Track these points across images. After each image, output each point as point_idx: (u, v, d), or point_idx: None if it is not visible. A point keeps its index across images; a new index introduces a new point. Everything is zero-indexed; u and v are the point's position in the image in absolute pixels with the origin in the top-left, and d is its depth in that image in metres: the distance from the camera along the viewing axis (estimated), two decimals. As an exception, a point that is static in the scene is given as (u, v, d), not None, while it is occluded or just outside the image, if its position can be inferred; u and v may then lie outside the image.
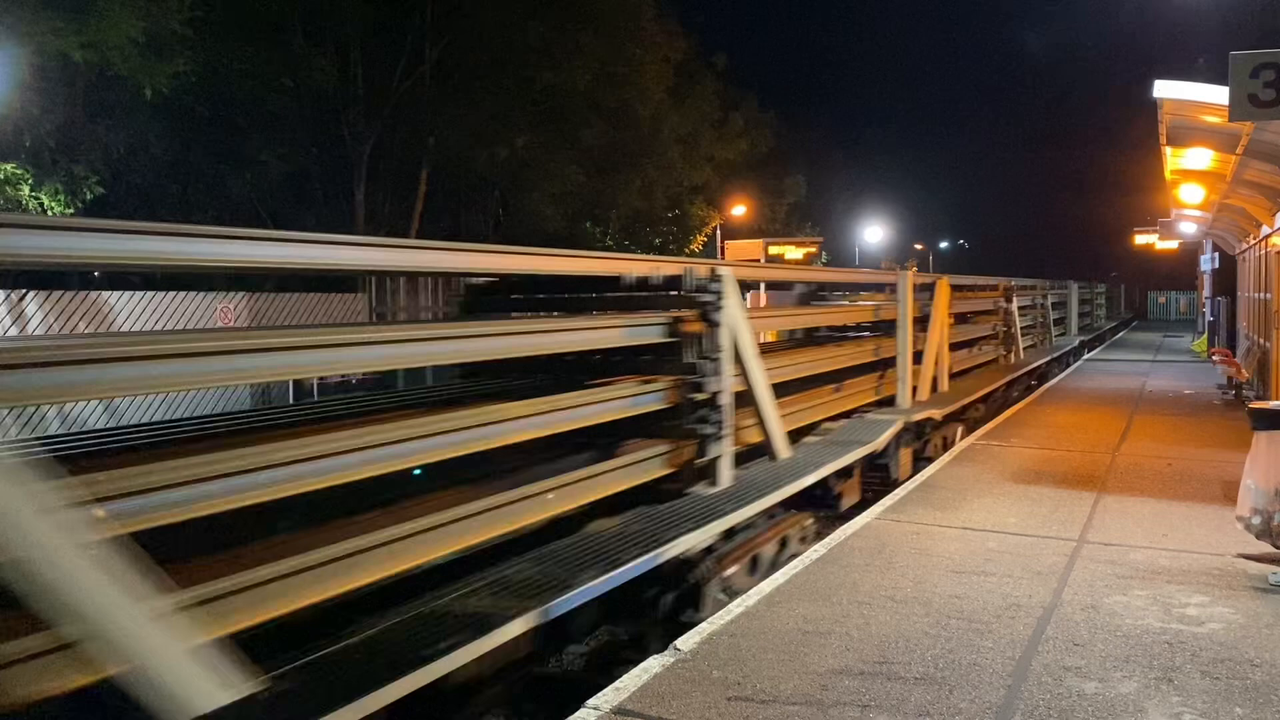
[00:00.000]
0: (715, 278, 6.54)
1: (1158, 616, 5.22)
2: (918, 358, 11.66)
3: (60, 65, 16.92)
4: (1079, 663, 4.58)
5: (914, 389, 11.32)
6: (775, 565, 6.58)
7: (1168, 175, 16.32)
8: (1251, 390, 15.40)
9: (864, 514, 7.62)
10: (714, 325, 6.50)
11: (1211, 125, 10.94)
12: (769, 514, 6.75)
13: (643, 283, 6.74)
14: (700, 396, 6.39)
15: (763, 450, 7.50)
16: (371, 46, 25.52)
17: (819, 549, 6.60)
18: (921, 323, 11.80)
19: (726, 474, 6.60)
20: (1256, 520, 6.15)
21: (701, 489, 6.44)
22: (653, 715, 4.08)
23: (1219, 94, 8.59)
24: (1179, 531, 7.02)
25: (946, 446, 11.40)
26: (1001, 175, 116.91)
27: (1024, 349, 18.93)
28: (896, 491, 8.48)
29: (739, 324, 6.77)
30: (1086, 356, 25.41)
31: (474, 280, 7.54)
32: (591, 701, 4.22)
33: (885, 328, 11.31)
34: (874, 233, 58.20)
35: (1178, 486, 8.61)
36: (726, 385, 6.57)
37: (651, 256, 9.18)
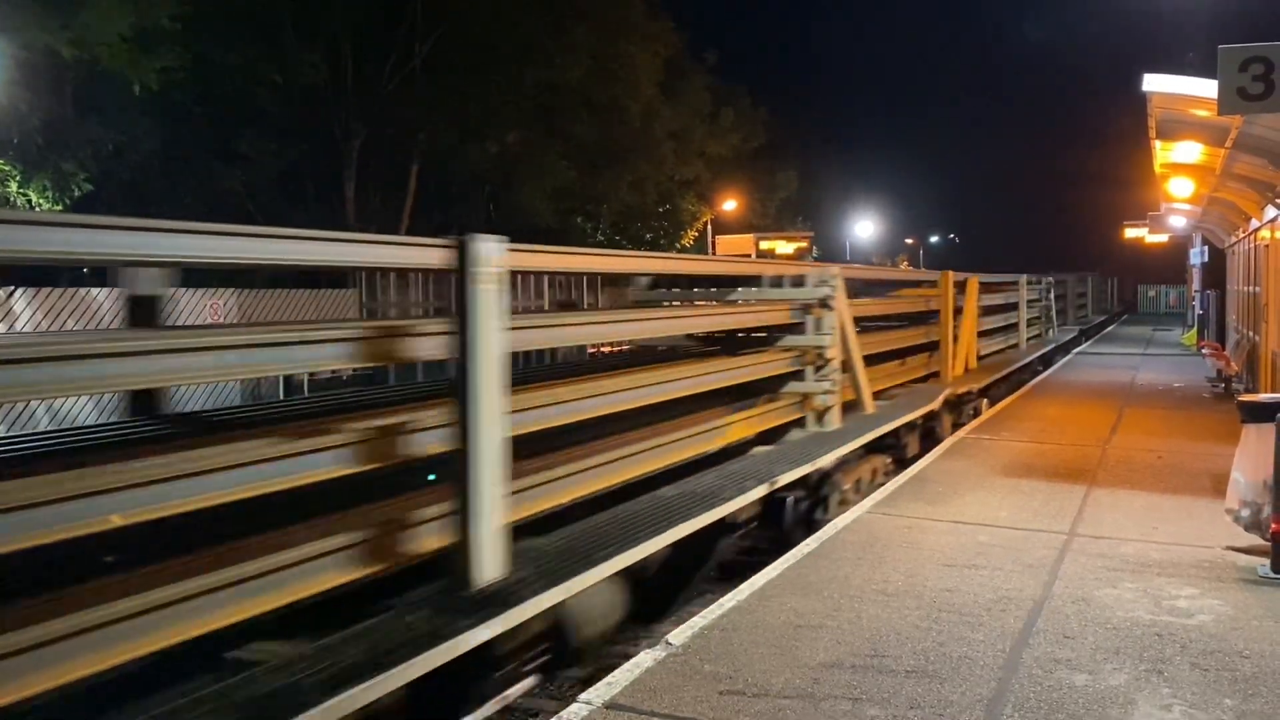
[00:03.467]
0: (832, 276, 8.83)
1: (1148, 609, 5.23)
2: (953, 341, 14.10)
3: (48, 61, 16.84)
4: (1069, 655, 4.60)
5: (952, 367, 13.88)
6: (872, 487, 8.52)
7: (1157, 169, 16.37)
8: (1241, 383, 15.46)
9: (855, 508, 7.63)
10: (829, 310, 8.71)
11: (1201, 119, 10.97)
12: (861, 452, 8.60)
13: (777, 280, 8.98)
14: (820, 362, 8.64)
15: (854, 406, 9.52)
16: (361, 42, 25.46)
17: (810, 542, 6.60)
18: (956, 314, 14.08)
19: (837, 418, 8.77)
20: (1245, 513, 6.17)
21: (822, 427, 8.59)
22: (645, 709, 4.08)
23: (1208, 87, 8.61)
24: (1169, 524, 7.04)
25: (976, 414, 13.26)
26: (992, 170, 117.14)
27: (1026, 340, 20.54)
28: (887, 485, 8.49)
29: (844, 311, 8.98)
30: (1077, 350, 25.46)
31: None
32: (584, 696, 4.22)
33: (932, 317, 13.91)
34: (865, 227, 58.34)
35: (1168, 479, 8.63)
36: (837, 355, 8.77)
37: (789, 262, 9.84)
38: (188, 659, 3.49)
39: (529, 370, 9.18)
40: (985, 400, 14.23)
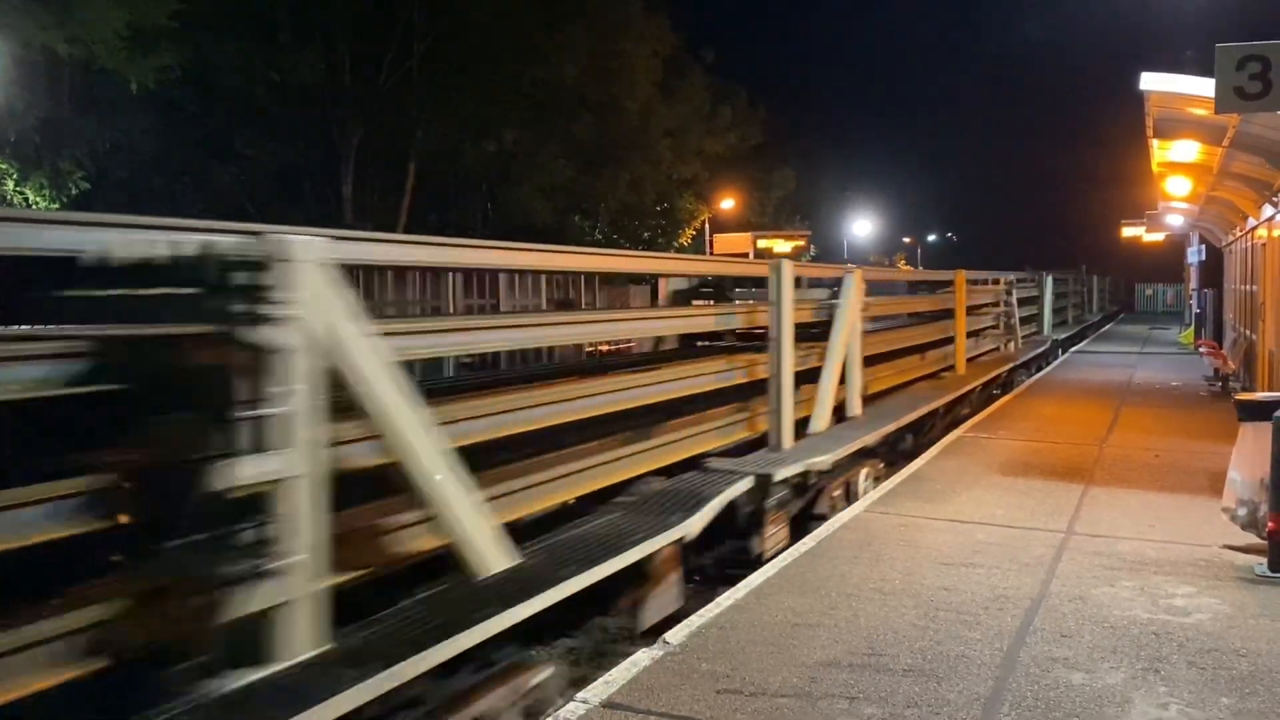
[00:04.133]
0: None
1: (1145, 607, 5.24)
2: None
3: (45, 59, 16.82)
4: (1066, 654, 4.60)
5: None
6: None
7: (1155, 168, 16.37)
8: (1238, 382, 15.47)
9: (852, 506, 7.63)
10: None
11: (1198, 117, 10.96)
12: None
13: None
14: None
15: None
16: (359, 41, 25.42)
17: (807, 541, 6.60)
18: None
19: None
20: (1242, 511, 6.17)
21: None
22: (641, 708, 4.07)
23: (1206, 86, 8.60)
24: (1166, 523, 7.04)
25: (994, 399, 13.86)
26: (989, 168, 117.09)
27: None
28: (885, 484, 8.49)
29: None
30: (1074, 349, 25.46)
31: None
32: (581, 695, 4.22)
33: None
34: (862, 226, 58.32)
35: (1165, 478, 8.64)
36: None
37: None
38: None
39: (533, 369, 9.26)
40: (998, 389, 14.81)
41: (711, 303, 9.33)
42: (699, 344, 9.17)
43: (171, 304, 3.37)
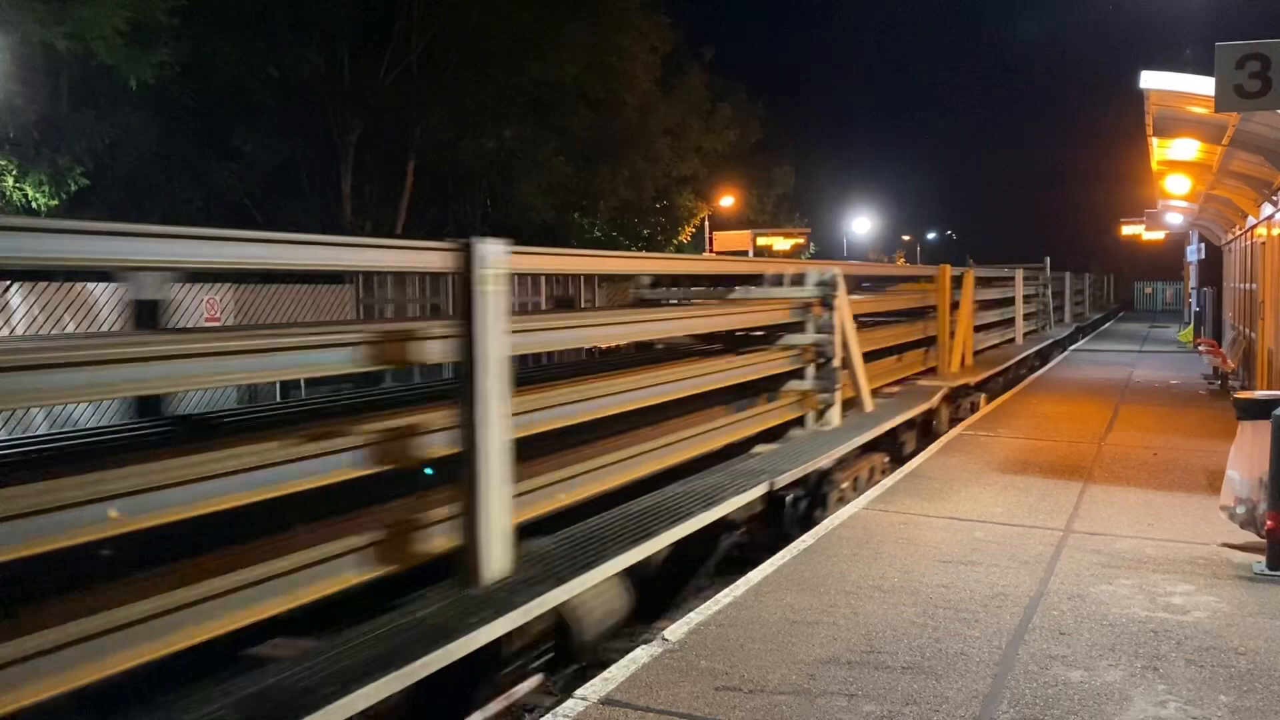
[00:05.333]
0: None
1: (1143, 605, 5.24)
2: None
3: (44, 55, 16.80)
4: (1065, 651, 4.60)
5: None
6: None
7: (1154, 166, 16.38)
8: (1237, 380, 15.48)
9: (851, 504, 7.64)
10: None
11: (1198, 116, 10.98)
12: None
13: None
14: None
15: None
16: (358, 37, 25.38)
17: (807, 539, 6.60)
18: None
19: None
20: (1241, 510, 6.18)
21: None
22: (640, 705, 4.08)
23: (1205, 85, 8.61)
24: (1165, 521, 7.05)
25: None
26: (989, 167, 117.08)
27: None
28: (884, 481, 8.50)
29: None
30: (1073, 347, 25.47)
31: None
32: (580, 691, 4.22)
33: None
34: (862, 223, 58.29)
35: (1163, 476, 8.65)
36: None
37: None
38: (206, 657, 3.49)
39: (533, 370, 9.23)
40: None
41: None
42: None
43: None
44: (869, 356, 10.30)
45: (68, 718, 3.21)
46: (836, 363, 8.91)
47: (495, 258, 4.41)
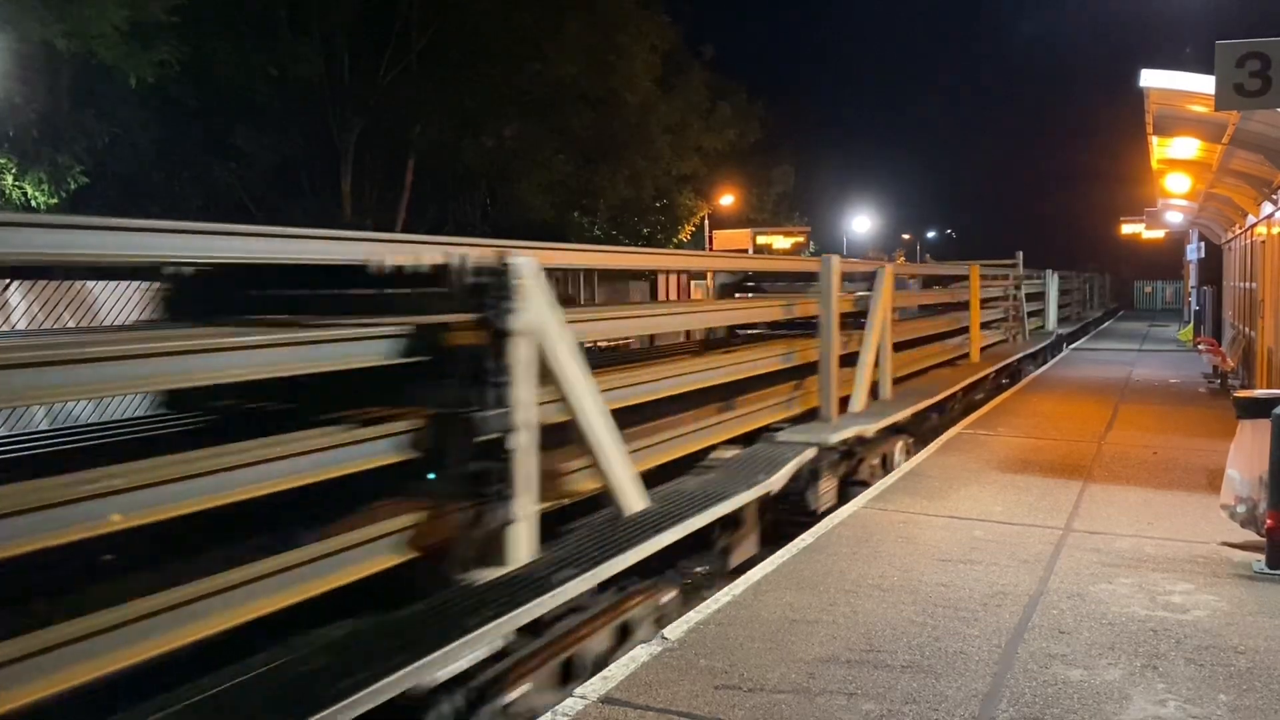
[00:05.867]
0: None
1: (1143, 604, 5.24)
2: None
3: (44, 53, 16.77)
4: (1064, 650, 4.60)
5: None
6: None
7: (1154, 165, 16.38)
8: (1237, 379, 15.47)
9: (850, 503, 7.64)
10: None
11: (1198, 115, 10.97)
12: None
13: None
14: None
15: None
16: (358, 36, 25.37)
17: (806, 537, 6.60)
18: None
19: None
20: (1241, 508, 6.18)
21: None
22: (640, 704, 4.08)
23: (1205, 83, 8.60)
24: (1164, 520, 7.05)
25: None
26: (989, 165, 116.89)
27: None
28: (883, 480, 8.50)
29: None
30: (1073, 346, 25.45)
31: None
32: (579, 690, 4.22)
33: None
34: (861, 222, 58.25)
35: (1163, 475, 8.64)
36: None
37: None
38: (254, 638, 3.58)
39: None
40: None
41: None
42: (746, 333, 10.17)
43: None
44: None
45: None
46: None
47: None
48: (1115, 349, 24.41)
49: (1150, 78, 10.48)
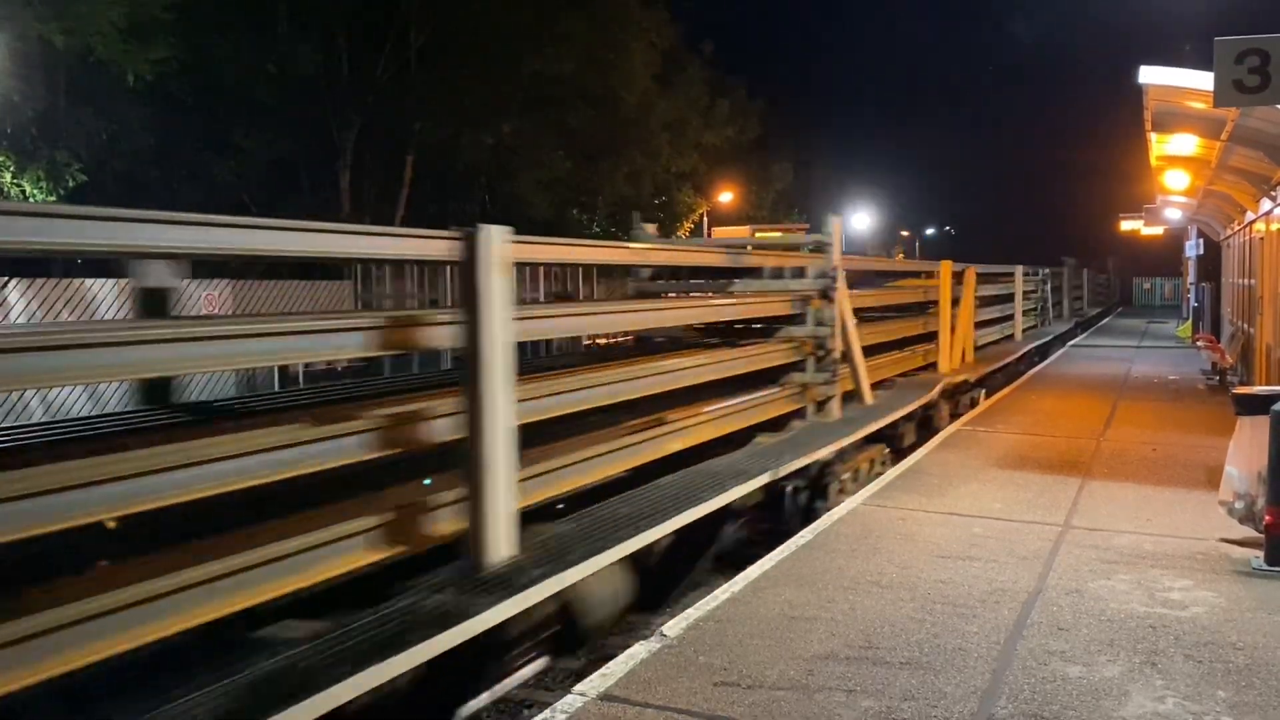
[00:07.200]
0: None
1: (1142, 601, 5.24)
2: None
3: (41, 50, 16.76)
4: (1063, 647, 4.60)
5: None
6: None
7: (1153, 161, 16.37)
8: (1236, 375, 15.47)
9: (849, 500, 7.64)
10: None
11: (1197, 111, 10.96)
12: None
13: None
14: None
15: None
16: (356, 32, 25.36)
17: (805, 534, 6.60)
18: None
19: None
20: (1240, 505, 6.17)
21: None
22: (639, 701, 4.08)
23: (1204, 80, 8.59)
24: (1163, 516, 7.05)
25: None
26: (987, 162, 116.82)
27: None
28: (882, 477, 8.50)
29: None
30: (1072, 343, 25.45)
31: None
32: (578, 687, 4.22)
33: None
34: (860, 219, 58.27)
35: (1162, 471, 8.65)
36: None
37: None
38: (217, 638, 3.58)
39: (533, 361, 9.32)
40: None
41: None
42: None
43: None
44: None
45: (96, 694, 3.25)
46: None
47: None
48: (1114, 346, 24.40)
49: (1149, 74, 10.47)
